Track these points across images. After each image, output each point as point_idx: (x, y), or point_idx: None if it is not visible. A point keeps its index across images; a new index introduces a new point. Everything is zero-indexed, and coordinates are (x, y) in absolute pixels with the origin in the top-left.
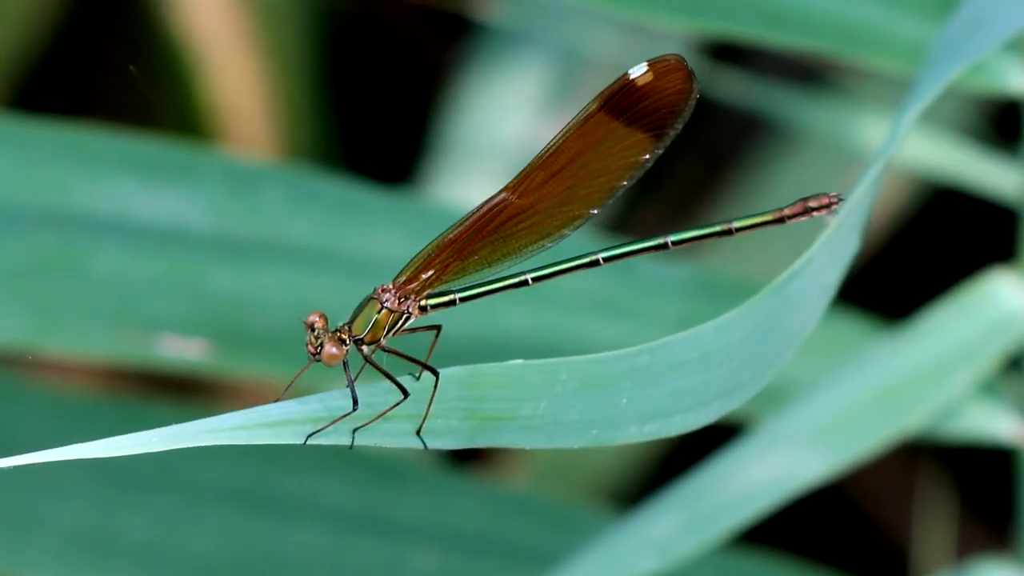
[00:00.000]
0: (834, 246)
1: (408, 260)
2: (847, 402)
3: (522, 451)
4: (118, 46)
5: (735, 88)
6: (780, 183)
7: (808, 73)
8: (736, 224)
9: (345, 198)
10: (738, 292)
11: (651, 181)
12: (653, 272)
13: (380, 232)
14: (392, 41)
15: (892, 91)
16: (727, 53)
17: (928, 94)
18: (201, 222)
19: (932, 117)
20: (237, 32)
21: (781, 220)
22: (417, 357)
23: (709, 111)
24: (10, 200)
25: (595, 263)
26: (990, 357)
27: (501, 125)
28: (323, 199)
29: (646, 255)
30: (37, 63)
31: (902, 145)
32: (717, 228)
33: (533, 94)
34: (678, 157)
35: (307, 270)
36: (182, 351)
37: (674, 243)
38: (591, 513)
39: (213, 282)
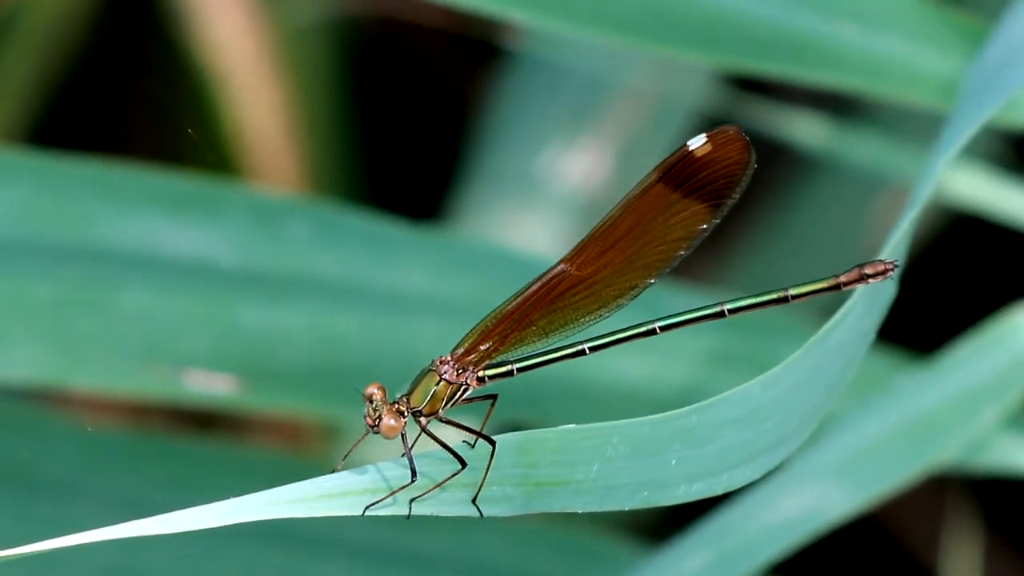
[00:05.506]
0: (873, 295)
1: (466, 330)
2: (875, 437)
3: None
4: (143, 77)
5: (763, 117)
6: (809, 210)
7: (835, 101)
8: (792, 292)
9: (372, 233)
10: (766, 329)
11: None
12: (681, 306)
13: (407, 267)
14: (418, 68)
15: (918, 118)
16: (756, 81)
17: (960, 138)
18: (227, 257)
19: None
20: (262, 62)
21: (837, 287)
22: (468, 423)
23: None
24: (37, 235)
25: (652, 332)
26: (1016, 391)
27: (530, 155)
28: (350, 234)
29: (674, 285)
30: (61, 94)
31: (935, 184)
32: (774, 296)
33: (562, 124)
34: None
35: (334, 305)
36: (209, 386)
37: (730, 311)
38: (618, 547)
39: (240, 317)
